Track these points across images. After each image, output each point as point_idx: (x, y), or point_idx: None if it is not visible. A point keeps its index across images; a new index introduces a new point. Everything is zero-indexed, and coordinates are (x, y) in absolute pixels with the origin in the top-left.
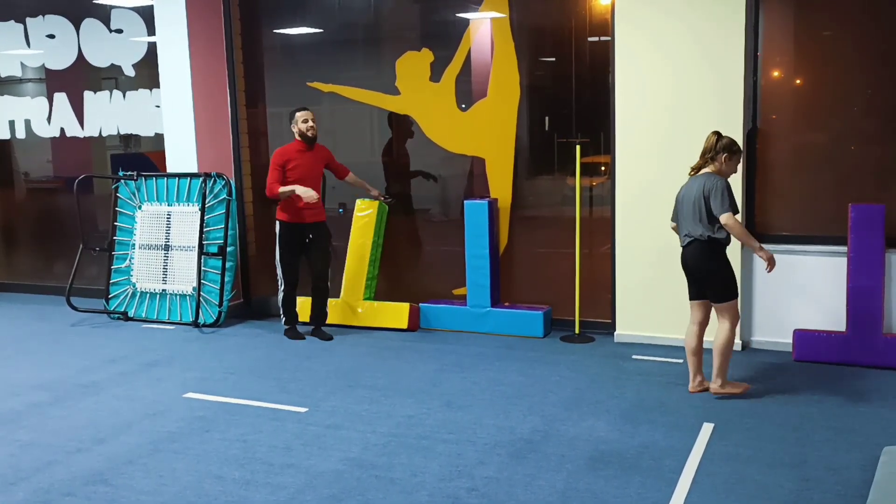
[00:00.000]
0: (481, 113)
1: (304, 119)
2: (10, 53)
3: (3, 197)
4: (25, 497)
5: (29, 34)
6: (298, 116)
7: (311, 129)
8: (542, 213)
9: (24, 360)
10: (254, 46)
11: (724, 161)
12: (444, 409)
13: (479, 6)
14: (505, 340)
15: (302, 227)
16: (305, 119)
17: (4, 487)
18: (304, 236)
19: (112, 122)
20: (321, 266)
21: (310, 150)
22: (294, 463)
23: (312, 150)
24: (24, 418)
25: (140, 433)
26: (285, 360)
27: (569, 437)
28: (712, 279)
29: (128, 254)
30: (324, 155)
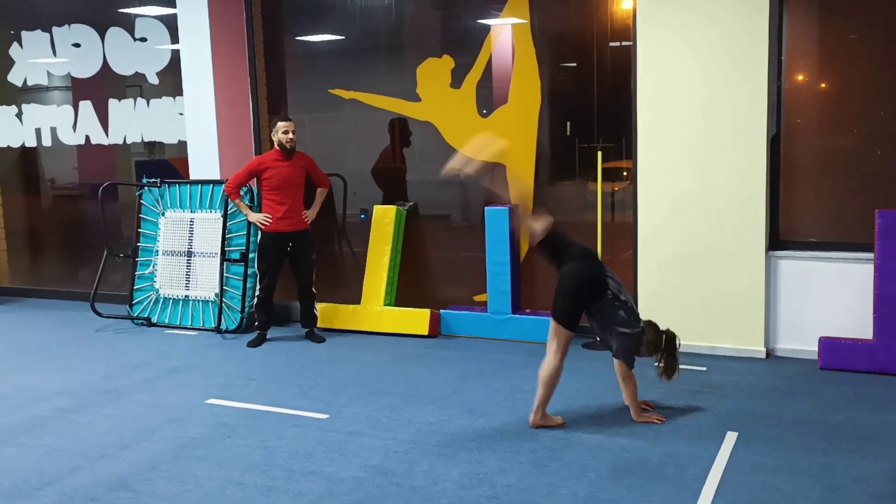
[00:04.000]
0: (502, 119)
1: (285, 130)
2: (36, 62)
3: (29, 204)
4: (50, 502)
5: (55, 43)
6: (279, 126)
7: (289, 140)
8: (564, 219)
9: (49, 366)
10: (276, 53)
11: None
12: (465, 416)
13: (500, 12)
14: (526, 347)
15: (282, 237)
16: (286, 130)
17: (30, 492)
18: (285, 245)
19: (136, 130)
20: (305, 275)
21: (288, 160)
22: (315, 470)
23: (291, 160)
24: (50, 424)
25: (163, 439)
26: (307, 367)
27: (591, 445)
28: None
29: (151, 260)
30: (304, 164)
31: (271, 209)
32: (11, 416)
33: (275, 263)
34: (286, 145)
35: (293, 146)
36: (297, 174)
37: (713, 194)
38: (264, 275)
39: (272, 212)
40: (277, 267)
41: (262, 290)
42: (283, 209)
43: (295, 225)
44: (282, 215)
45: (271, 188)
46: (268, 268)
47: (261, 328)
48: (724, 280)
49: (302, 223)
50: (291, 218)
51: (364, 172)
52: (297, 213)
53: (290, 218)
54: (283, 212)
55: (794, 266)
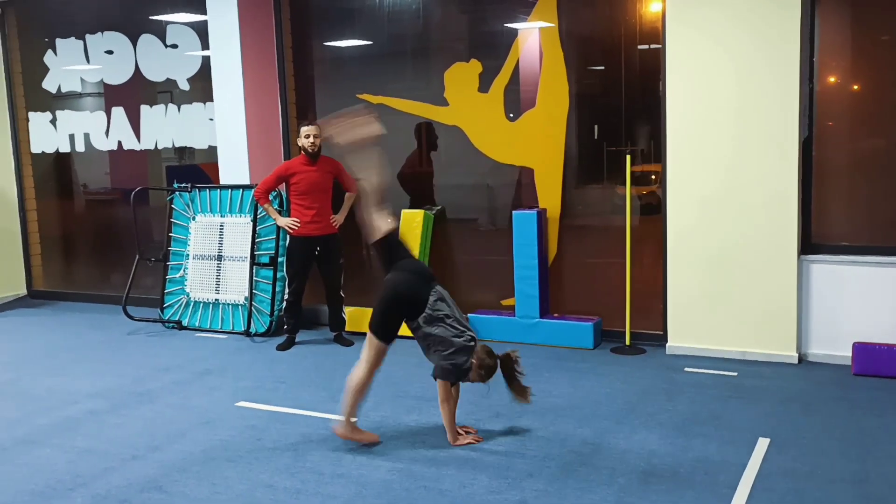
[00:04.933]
0: (530, 123)
1: (307, 134)
2: (70, 69)
3: (62, 208)
4: (83, 502)
5: (88, 50)
6: (303, 131)
7: (312, 144)
8: (592, 223)
9: (81, 369)
10: (304, 59)
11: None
12: (493, 420)
13: (528, 16)
14: (554, 352)
15: (310, 240)
16: (308, 134)
17: (64, 493)
18: (313, 249)
19: (167, 135)
20: (333, 279)
21: (313, 164)
22: (344, 473)
23: (316, 164)
24: (82, 426)
25: (193, 441)
26: (335, 370)
27: (620, 451)
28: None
29: (182, 264)
30: (331, 168)
31: (299, 213)
32: (45, 418)
33: (303, 267)
34: (309, 149)
35: (316, 150)
36: (325, 178)
37: (744, 197)
38: (293, 278)
39: (300, 216)
40: (305, 271)
41: (291, 293)
42: (310, 213)
43: (323, 229)
44: (309, 219)
45: (299, 192)
46: (296, 271)
47: (290, 331)
48: (756, 284)
49: (330, 227)
50: (319, 222)
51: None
52: (324, 216)
53: (318, 222)
54: (311, 216)
55: (826, 270)
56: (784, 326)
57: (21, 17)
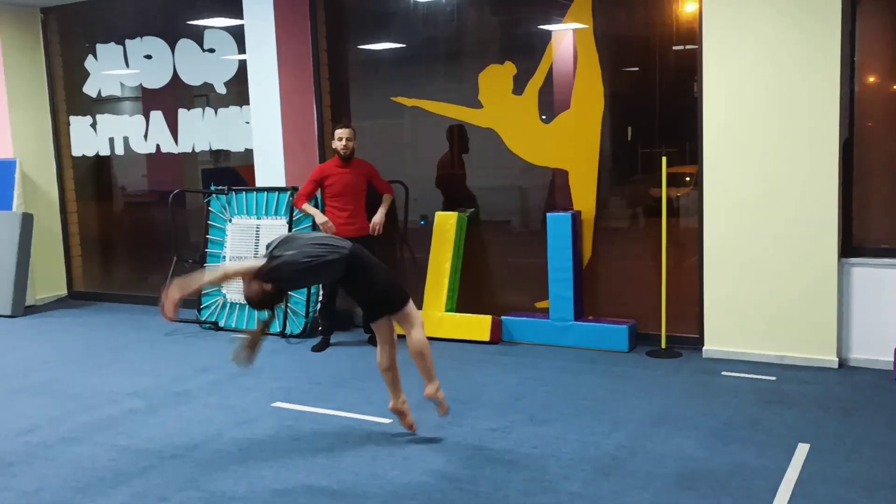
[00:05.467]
0: (564, 125)
1: (339, 137)
2: (110, 73)
3: (102, 210)
4: (124, 500)
5: (128, 55)
6: (335, 134)
7: (344, 147)
8: (627, 225)
9: (121, 368)
10: (339, 62)
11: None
12: (527, 422)
13: (562, 18)
14: (588, 355)
15: None
16: (340, 137)
17: (104, 490)
18: None
19: (204, 139)
20: None
21: (347, 167)
22: (379, 473)
23: (349, 166)
24: (122, 424)
25: (231, 441)
26: (369, 372)
27: (656, 455)
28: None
29: (218, 266)
30: (365, 171)
31: (333, 215)
32: (87, 416)
33: None
34: (342, 152)
35: (348, 153)
36: (358, 181)
37: (783, 199)
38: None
39: (334, 218)
40: None
41: (325, 295)
42: (344, 215)
43: (356, 230)
44: (343, 221)
45: (332, 195)
46: None
47: (324, 333)
48: (795, 287)
49: (363, 229)
50: (353, 223)
51: (424, 179)
52: (358, 218)
53: (352, 223)
54: (345, 217)
55: (867, 273)
56: (824, 330)
57: (63, 24)
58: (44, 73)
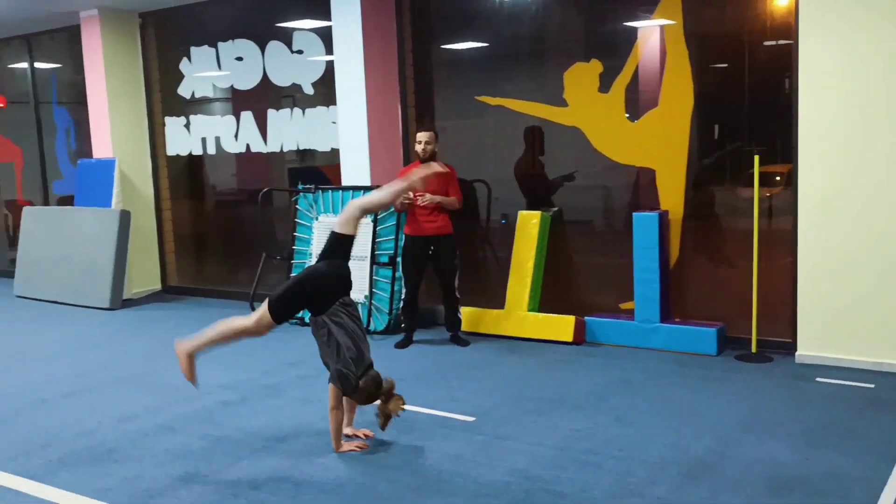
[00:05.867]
0: (652, 123)
1: (419, 140)
2: (203, 75)
3: (194, 208)
4: (218, 489)
5: (220, 57)
6: (417, 137)
7: (423, 150)
8: (715, 225)
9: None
10: (424, 62)
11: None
12: (612, 424)
13: (649, 15)
14: (675, 357)
15: (423, 240)
16: (419, 140)
17: (201, 479)
18: (426, 248)
19: (292, 138)
20: (448, 279)
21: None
22: (463, 471)
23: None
24: (215, 416)
25: (318, 434)
26: (452, 370)
27: (746, 460)
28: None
29: (305, 262)
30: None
31: (413, 214)
32: (183, 407)
33: (417, 266)
34: (421, 154)
35: (427, 156)
36: (437, 182)
37: (882, 199)
38: (407, 278)
39: (413, 217)
40: (420, 270)
41: (407, 293)
42: (424, 214)
43: (436, 229)
44: (423, 220)
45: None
46: (410, 271)
47: (407, 331)
48: (894, 291)
49: (443, 228)
50: (433, 222)
51: (506, 178)
52: (438, 217)
53: (432, 222)
54: (425, 216)
55: None
56: None
57: (160, 28)
58: (141, 76)
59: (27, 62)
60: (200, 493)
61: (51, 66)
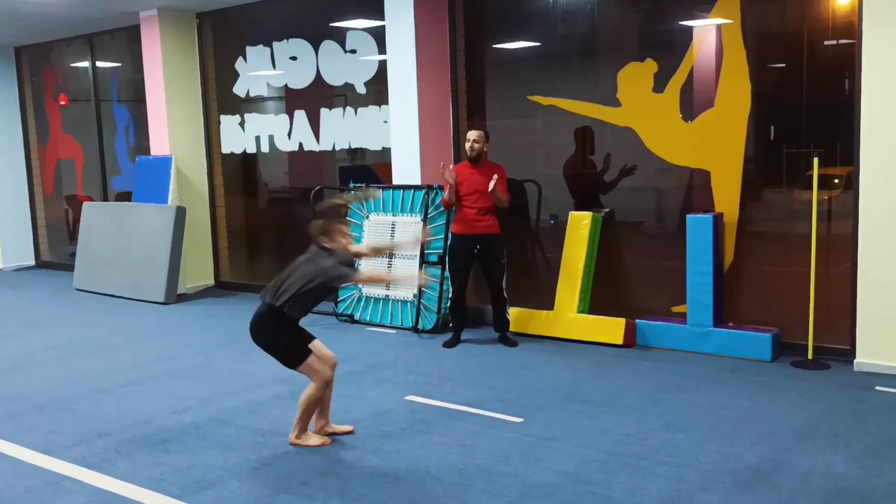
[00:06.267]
0: (707, 123)
1: (468, 139)
2: (257, 74)
3: (248, 205)
4: (267, 482)
5: (275, 56)
6: (466, 135)
7: (470, 149)
8: (772, 229)
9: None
10: (476, 62)
11: (335, 236)
12: (663, 429)
13: (706, 14)
14: (728, 362)
15: (470, 239)
16: (468, 138)
17: (251, 471)
18: (473, 247)
19: (344, 137)
20: (495, 279)
21: (476, 167)
22: (511, 472)
23: (478, 166)
24: (266, 409)
25: (366, 430)
26: (500, 370)
27: (802, 470)
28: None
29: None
30: (493, 172)
31: (461, 212)
32: (234, 399)
33: (463, 266)
34: (468, 153)
35: (474, 154)
36: (486, 181)
37: None
38: (454, 277)
39: (462, 215)
40: (466, 269)
41: (454, 292)
42: (472, 212)
43: (483, 228)
44: (472, 218)
45: (464, 193)
46: (457, 270)
47: (455, 330)
48: None
49: (491, 227)
50: (481, 221)
51: (556, 178)
52: (487, 216)
53: (481, 220)
54: (473, 215)
55: None
56: None
57: (216, 27)
58: (198, 75)
59: (89, 61)
60: (250, 485)
61: (111, 65)
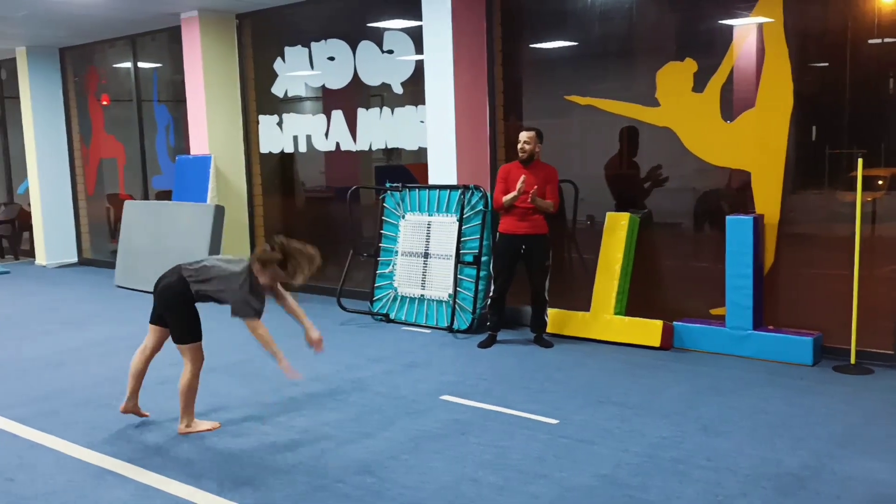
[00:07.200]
0: (748, 124)
1: (519, 139)
2: (296, 75)
3: (285, 205)
4: (305, 479)
5: (313, 57)
6: (518, 136)
7: (521, 149)
8: (814, 231)
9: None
10: (513, 61)
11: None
12: (700, 433)
13: (747, 12)
14: (768, 366)
15: (517, 239)
16: (519, 139)
17: (287, 469)
18: (518, 247)
19: (380, 137)
20: (537, 279)
21: (527, 168)
22: (546, 474)
23: (529, 167)
24: (303, 407)
25: (402, 430)
26: (536, 371)
27: (843, 477)
28: (174, 319)
29: (391, 260)
30: (544, 174)
31: (509, 212)
32: (271, 397)
33: (508, 265)
34: (519, 154)
35: (525, 156)
36: (537, 182)
37: None
38: (498, 275)
39: (510, 215)
40: (511, 268)
41: (495, 290)
42: (519, 213)
43: (530, 228)
44: (518, 218)
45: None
46: (501, 269)
47: (492, 329)
48: None
49: (537, 228)
50: (526, 221)
51: (592, 178)
52: (533, 217)
53: (526, 221)
54: (519, 215)
55: None
56: None
57: (255, 28)
58: (237, 75)
59: (130, 62)
60: (288, 482)
61: (152, 66)
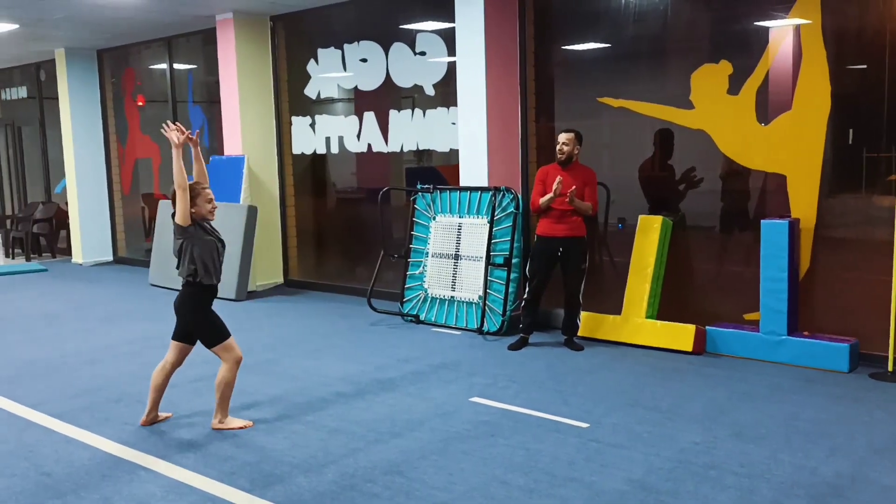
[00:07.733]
0: (784, 126)
1: (558, 141)
2: (328, 76)
3: (317, 205)
4: (334, 479)
5: (345, 58)
6: (557, 137)
7: (559, 151)
8: (851, 235)
9: (331, 353)
10: (545, 63)
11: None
12: (733, 439)
13: (784, 14)
14: (802, 372)
15: (554, 241)
16: (558, 141)
17: (318, 468)
18: (556, 250)
19: (412, 139)
20: (572, 283)
21: (565, 170)
22: (576, 477)
23: (568, 169)
24: (332, 407)
25: (431, 431)
26: (566, 374)
27: (881, 486)
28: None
29: (422, 261)
30: (582, 176)
31: (546, 214)
32: (301, 397)
33: (544, 267)
34: (558, 155)
35: (563, 158)
36: (575, 183)
37: None
38: (533, 277)
39: (548, 217)
40: (547, 270)
41: (530, 292)
42: (557, 215)
43: (567, 231)
44: (555, 220)
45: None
46: (537, 270)
47: (524, 331)
48: None
49: (575, 230)
50: (564, 224)
51: (624, 181)
52: (571, 220)
53: (563, 223)
54: (556, 217)
55: None
56: None
57: (289, 30)
58: (270, 77)
59: (166, 63)
60: (317, 482)
61: (187, 67)
